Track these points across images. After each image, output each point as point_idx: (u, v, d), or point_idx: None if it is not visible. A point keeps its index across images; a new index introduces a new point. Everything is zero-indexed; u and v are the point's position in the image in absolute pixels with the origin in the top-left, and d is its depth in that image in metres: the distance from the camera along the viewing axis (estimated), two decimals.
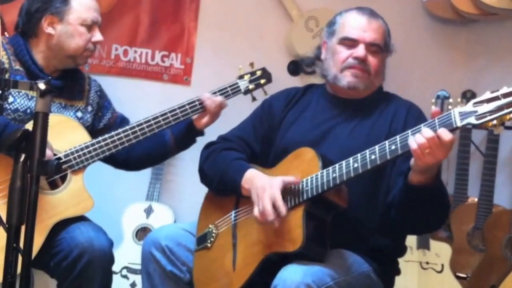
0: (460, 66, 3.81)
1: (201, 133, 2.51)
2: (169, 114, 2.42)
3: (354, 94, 2.24)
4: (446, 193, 2.02)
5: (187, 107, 2.44)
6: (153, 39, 3.41)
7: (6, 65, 2.30)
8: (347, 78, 2.20)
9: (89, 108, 2.50)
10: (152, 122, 2.40)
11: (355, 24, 2.22)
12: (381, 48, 2.21)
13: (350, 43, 2.21)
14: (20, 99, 2.31)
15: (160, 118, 2.41)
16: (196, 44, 3.47)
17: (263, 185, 1.99)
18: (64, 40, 2.35)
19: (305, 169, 2.01)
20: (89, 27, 2.37)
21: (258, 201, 1.98)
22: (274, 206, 1.93)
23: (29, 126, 1.62)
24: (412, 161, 1.83)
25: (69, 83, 2.44)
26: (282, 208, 1.93)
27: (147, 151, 2.52)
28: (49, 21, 2.34)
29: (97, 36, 2.40)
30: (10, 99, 2.29)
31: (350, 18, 2.24)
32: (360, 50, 2.18)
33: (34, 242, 1.59)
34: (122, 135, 2.37)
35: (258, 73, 2.63)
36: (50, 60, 2.38)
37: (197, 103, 2.45)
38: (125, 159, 2.53)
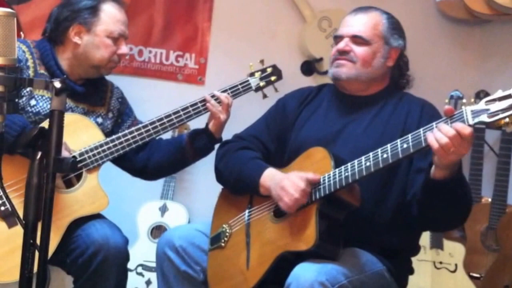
0: (473, 67, 3.80)
1: (217, 140, 2.49)
2: (181, 112, 2.44)
3: (353, 88, 2.26)
4: (468, 186, 2.02)
5: (190, 109, 2.46)
6: (167, 40, 3.43)
7: (31, 69, 2.32)
8: (332, 70, 2.26)
9: (110, 115, 2.52)
10: (165, 120, 2.43)
11: (343, 22, 2.29)
12: (365, 39, 2.22)
13: (338, 40, 2.27)
14: (42, 103, 2.33)
15: (173, 116, 2.43)
16: (210, 44, 3.49)
17: (286, 179, 2.01)
18: (89, 50, 2.36)
19: (318, 168, 2.01)
20: (116, 40, 2.39)
21: (284, 194, 1.99)
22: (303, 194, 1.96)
23: (45, 124, 1.63)
24: (435, 159, 1.83)
25: (91, 90, 2.46)
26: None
27: (166, 156, 2.51)
28: (76, 30, 2.35)
29: (123, 49, 2.42)
30: (33, 102, 2.32)
31: (344, 18, 2.30)
32: (341, 43, 2.24)
33: (51, 241, 1.60)
34: (135, 133, 2.40)
35: (269, 70, 2.64)
36: (74, 68, 2.40)
37: (199, 104, 2.46)
38: (144, 166, 2.52)
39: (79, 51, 2.37)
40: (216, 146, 2.48)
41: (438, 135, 1.76)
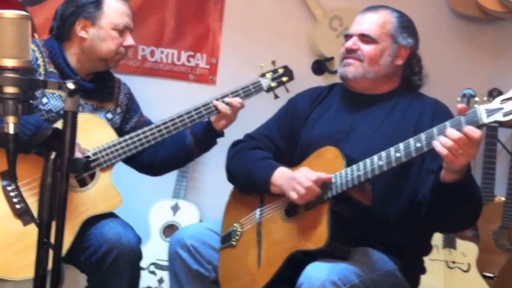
0: (486, 65, 3.77)
1: (220, 134, 2.52)
2: (193, 112, 2.46)
3: (360, 87, 2.26)
4: (478, 186, 2.02)
5: (202, 109, 2.46)
6: (179, 40, 3.44)
7: (41, 67, 2.34)
8: (340, 70, 2.27)
9: (118, 110, 2.54)
10: (177, 120, 2.44)
11: (353, 21, 2.30)
12: (372, 38, 2.22)
13: (348, 39, 2.28)
14: (53, 101, 2.36)
15: (185, 116, 2.44)
16: (221, 44, 3.50)
17: (299, 172, 2.03)
18: (96, 43, 2.39)
19: (329, 167, 2.01)
20: (121, 32, 2.42)
21: (294, 187, 2.00)
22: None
23: (59, 124, 1.65)
24: (445, 164, 1.82)
25: (100, 86, 2.49)
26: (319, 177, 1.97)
27: (171, 154, 2.55)
28: (82, 25, 2.39)
29: (129, 40, 2.45)
30: (44, 100, 2.34)
31: (355, 17, 2.31)
32: (348, 42, 2.25)
33: (65, 239, 1.62)
34: (148, 133, 2.41)
35: (280, 71, 2.64)
36: (83, 62, 2.43)
37: (210, 105, 2.47)
38: (150, 163, 2.56)
39: (86, 45, 2.40)
40: (219, 140, 2.52)
41: (442, 139, 1.76)
